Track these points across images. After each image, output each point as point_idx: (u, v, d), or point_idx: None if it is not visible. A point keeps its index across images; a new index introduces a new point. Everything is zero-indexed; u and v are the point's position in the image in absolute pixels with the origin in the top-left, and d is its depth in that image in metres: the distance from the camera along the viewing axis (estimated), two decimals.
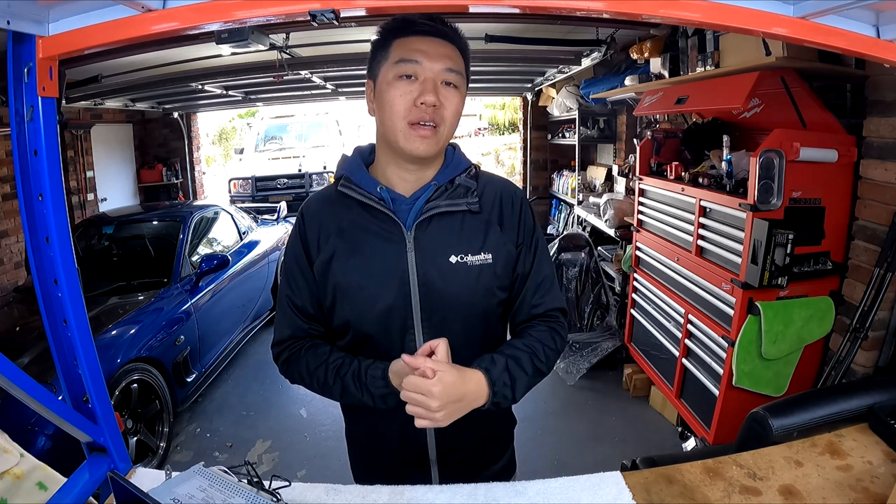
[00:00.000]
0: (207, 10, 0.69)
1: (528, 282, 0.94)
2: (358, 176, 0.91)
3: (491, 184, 0.96)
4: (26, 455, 0.92)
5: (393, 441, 0.96)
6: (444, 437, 0.94)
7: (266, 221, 4.72)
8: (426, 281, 0.88)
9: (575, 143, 4.59)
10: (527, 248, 0.94)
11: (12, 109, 0.78)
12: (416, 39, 0.85)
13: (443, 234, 0.89)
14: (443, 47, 0.85)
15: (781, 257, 1.81)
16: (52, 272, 0.83)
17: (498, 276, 0.91)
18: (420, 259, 0.88)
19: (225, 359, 3.37)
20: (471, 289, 0.89)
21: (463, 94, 0.88)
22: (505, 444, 1.06)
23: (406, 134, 0.85)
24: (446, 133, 0.87)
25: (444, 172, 0.92)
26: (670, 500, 0.87)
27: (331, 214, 0.92)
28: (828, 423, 1.13)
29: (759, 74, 1.89)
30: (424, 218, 0.89)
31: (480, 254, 0.89)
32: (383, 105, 0.85)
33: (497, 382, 0.83)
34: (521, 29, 2.93)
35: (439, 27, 0.86)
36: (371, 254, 0.89)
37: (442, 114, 0.85)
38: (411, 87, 0.84)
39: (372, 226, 0.89)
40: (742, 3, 0.69)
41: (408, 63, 0.83)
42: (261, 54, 3.26)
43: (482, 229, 0.91)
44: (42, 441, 1.95)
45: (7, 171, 4.04)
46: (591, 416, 2.83)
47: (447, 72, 0.85)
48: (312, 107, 8.23)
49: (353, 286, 0.89)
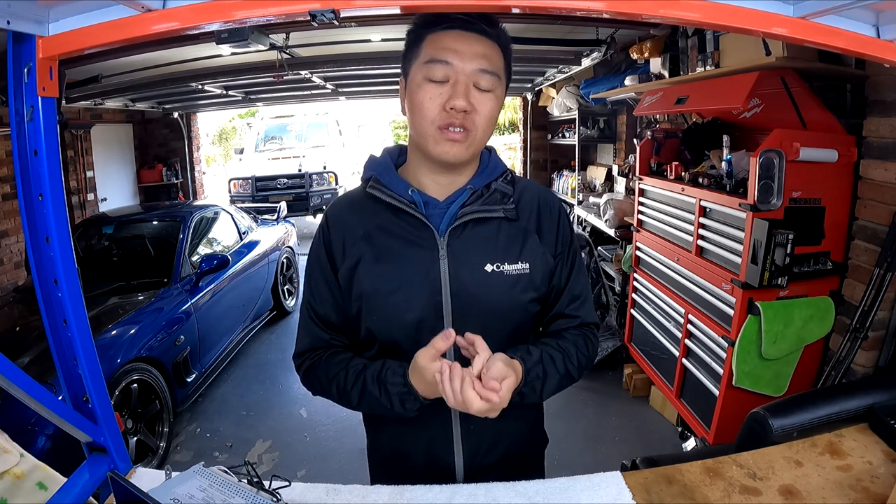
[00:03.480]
0: (207, 10, 0.69)
1: (564, 295, 0.90)
2: (387, 177, 0.86)
3: (528, 190, 0.91)
4: (26, 455, 0.92)
5: (419, 458, 0.91)
6: (474, 456, 0.89)
7: (266, 221, 4.72)
8: (460, 290, 0.83)
9: (575, 143, 4.59)
10: (564, 260, 0.90)
11: (12, 109, 0.78)
12: (448, 35, 0.78)
13: (478, 242, 0.84)
14: (479, 45, 0.78)
15: (781, 257, 1.81)
16: (52, 272, 0.82)
17: (535, 286, 0.86)
18: (454, 267, 0.83)
19: (225, 359, 3.38)
20: (506, 299, 0.84)
21: (500, 98, 0.82)
22: (534, 464, 1.01)
23: (436, 138, 0.80)
24: (479, 138, 0.81)
25: (479, 177, 0.87)
26: (670, 500, 0.87)
27: (358, 218, 0.87)
28: (828, 423, 1.13)
29: (759, 74, 1.89)
30: (459, 224, 0.84)
31: (518, 263, 0.85)
32: (413, 107, 0.80)
33: (530, 373, 0.80)
34: (521, 29, 2.93)
35: (476, 22, 0.78)
36: (401, 260, 0.84)
37: (474, 119, 0.79)
38: (441, 90, 0.78)
39: (402, 230, 0.85)
40: (742, 3, 0.69)
41: (438, 64, 0.77)
42: (261, 54, 3.27)
43: (520, 237, 0.86)
44: (42, 441, 1.95)
45: (7, 171, 4.05)
46: (591, 416, 2.82)
47: (481, 73, 0.78)
48: (312, 107, 8.25)
49: (380, 294, 0.84)
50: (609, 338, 3.31)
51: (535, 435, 1.00)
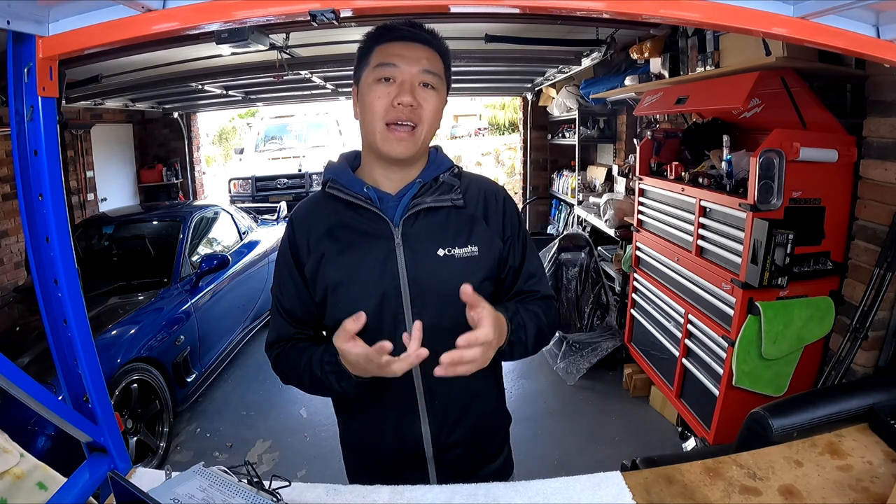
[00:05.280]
0: (207, 10, 0.69)
1: (521, 273, 0.98)
2: (344, 178, 0.94)
3: (474, 182, 0.99)
4: (26, 455, 0.92)
5: (389, 440, 0.97)
6: (440, 432, 0.95)
7: (266, 221, 4.72)
8: (416, 275, 0.90)
9: (575, 143, 4.59)
10: (514, 241, 0.98)
11: (12, 109, 0.78)
12: (395, 45, 0.88)
13: (430, 229, 0.92)
14: (420, 51, 0.88)
15: (781, 257, 1.81)
16: (52, 272, 0.82)
17: (484, 267, 0.93)
18: (409, 253, 0.90)
19: (225, 359, 3.37)
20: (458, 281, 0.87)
21: (441, 96, 0.91)
22: (501, 441, 1.07)
23: (384, 136, 0.87)
24: (425, 133, 0.89)
25: (427, 171, 0.95)
26: (670, 500, 0.87)
27: (319, 217, 0.95)
28: (828, 423, 1.13)
29: (759, 74, 1.89)
30: (411, 214, 0.91)
31: (467, 247, 0.92)
32: (364, 107, 0.89)
33: (513, 321, 0.87)
34: (521, 29, 2.93)
35: (418, 32, 0.89)
36: (360, 251, 0.91)
37: (420, 114, 0.87)
38: (389, 89, 0.86)
39: (360, 224, 0.92)
40: (742, 3, 0.69)
41: (386, 67, 0.87)
42: (261, 54, 3.27)
43: (467, 223, 0.94)
44: (42, 441, 1.95)
45: (7, 171, 4.05)
46: (591, 416, 2.83)
47: (424, 73, 0.87)
48: (312, 107, 8.23)
49: (343, 283, 0.91)
50: (609, 338, 3.31)
51: (498, 412, 1.06)
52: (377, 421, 0.97)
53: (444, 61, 0.92)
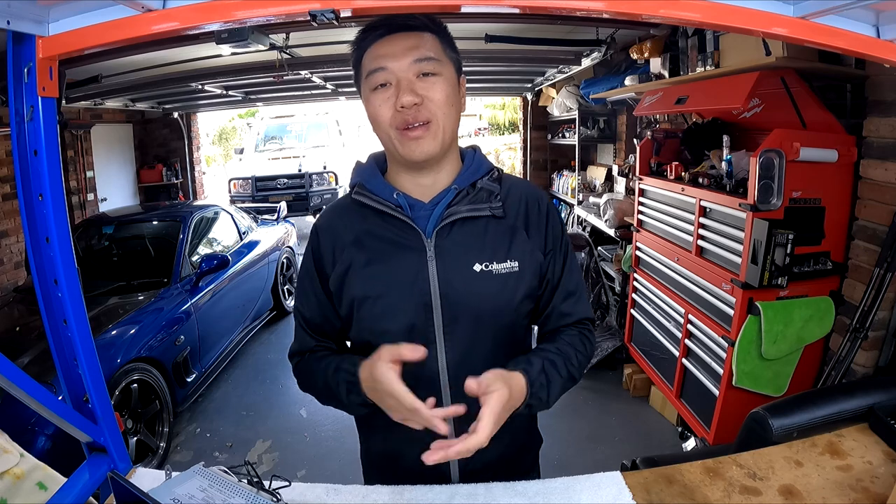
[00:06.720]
0: (207, 10, 0.69)
1: (558, 290, 0.89)
2: (373, 183, 0.87)
3: (515, 187, 0.90)
4: (26, 455, 0.92)
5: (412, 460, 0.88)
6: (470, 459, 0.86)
7: (266, 221, 4.71)
8: (449, 291, 0.82)
9: (575, 143, 4.59)
10: (555, 255, 0.89)
11: (12, 109, 0.78)
12: (379, 45, 0.80)
13: (465, 241, 0.83)
14: (407, 40, 0.79)
15: (781, 257, 1.81)
16: (52, 272, 0.82)
17: (526, 284, 0.85)
18: (442, 268, 0.82)
19: (225, 359, 3.37)
20: (496, 299, 0.83)
21: (448, 78, 0.81)
22: (530, 464, 1.01)
23: (400, 140, 0.80)
24: (444, 126, 0.81)
25: (464, 176, 0.86)
26: (670, 500, 0.87)
27: (345, 225, 0.87)
28: (828, 423, 1.13)
29: (759, 74, 1.89)
30: (445, 224, 0.83)
31: (506, 261, 0.84)
32: (371, 119, 0.83)
33: (535, 383, 0.78)
34: (521, 29, 2.93)
35: (398, 21, 0.79)
36: (390, 263, 0.83)
37: (429, 107, 0.79)
38: (388, 94, 0.79)
39: (389, 234, 0.84)
40: (742, 3, 0.69)
41: (376, 73, 0.79)
42: (261, 54, 3.27)
43: (507, 235, 0.85)
44: (42, 441, 1.95)
45: (7, 171, 4.05)
46: (591, 416, 2.82)
47: (417, 63, 0.78)
48: (312, 107, 8.24)
49: (370, 297, 0.84)
50: (609, 338, 3.31)
51: (529, 435, 0.99)
52: (401, 441, 0.88)
53: (442, 39, 0.83)
